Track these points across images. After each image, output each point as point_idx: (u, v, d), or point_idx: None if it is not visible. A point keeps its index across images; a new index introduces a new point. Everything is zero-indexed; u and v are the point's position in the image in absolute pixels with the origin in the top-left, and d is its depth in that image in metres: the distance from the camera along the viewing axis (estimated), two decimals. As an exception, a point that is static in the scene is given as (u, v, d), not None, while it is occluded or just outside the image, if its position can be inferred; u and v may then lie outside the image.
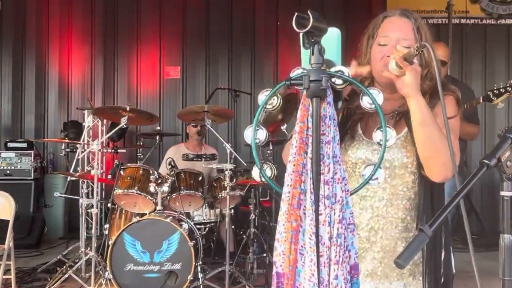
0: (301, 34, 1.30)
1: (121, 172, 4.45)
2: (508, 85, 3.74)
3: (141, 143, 6.46)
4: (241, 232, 5.17)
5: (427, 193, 1.63)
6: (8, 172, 6.28)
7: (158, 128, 6.13)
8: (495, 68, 7.33)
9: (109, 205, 4.69)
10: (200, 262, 4.29)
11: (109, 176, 4.54)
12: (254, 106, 7.34)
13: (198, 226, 4.64)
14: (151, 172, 4.42)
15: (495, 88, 3.85)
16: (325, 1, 7.43)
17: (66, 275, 4.29)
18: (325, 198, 1.18)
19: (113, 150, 6.43)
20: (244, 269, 4.75)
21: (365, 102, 1.22)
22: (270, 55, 7.44)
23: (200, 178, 4.59)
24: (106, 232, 4.60)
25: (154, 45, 7.44)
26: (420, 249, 1.15)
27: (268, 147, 4.77)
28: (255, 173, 1.28)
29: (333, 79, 1.21)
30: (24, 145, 6.46)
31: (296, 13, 1.18)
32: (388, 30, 1.68)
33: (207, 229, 4.84)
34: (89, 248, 4.60)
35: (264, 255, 4.83)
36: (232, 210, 4.40)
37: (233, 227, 4.94)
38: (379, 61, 1.66)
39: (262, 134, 1.28)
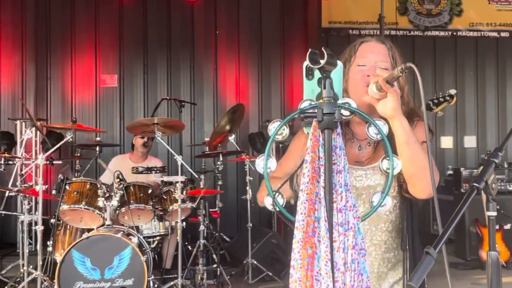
0: (304, 66, 1.35)
1: (67, 187, 4.31)
2: (446, 94, 4.03)
3: (79, 154, 6.25)
4: (186, 243, 5.15)
5: (408, 215, 1.72)
6: None
7: (98, 138, 5.96)
8: (423, 77, 7.74)
9: (52, 220, 4.52)
10: (152, 276, 4.24)
11: (54, 192, 4.37)
12: (197, 115, 7.33)
13: (147, 240, 4.58)
14: (98, 186, 4.31)
15: (434, 97, 4.13)
16: (263, 12, 7.55)
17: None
18: (338, 225, 1.24)
19: (48, 162, 6.17)
20: (194, 280, 4.74)
21: (371, 132, 1.29)
22: (209, 64, 7.45)
23: (149, 191, 4.53)
24: (50, 249, 4.43)
25: (89, 53, 7.23)
26: (428, 270, 1.23)
27: (218, 158, 4.79)
28: (268, 202, 1.32)
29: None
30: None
31: (310, 50, 1.23)
32: (367, 52, 1.74)
33: (155, 242, 4.78)
34: (31, 267, 4.41)
35: (214, 266, 4.84)
36: (184, 222, 4.37)
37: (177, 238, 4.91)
38: (359, 81, 1.71)
39: (273, 163, 1.31)
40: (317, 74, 1.34)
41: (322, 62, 1.22)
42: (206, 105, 7.41)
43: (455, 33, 7.84)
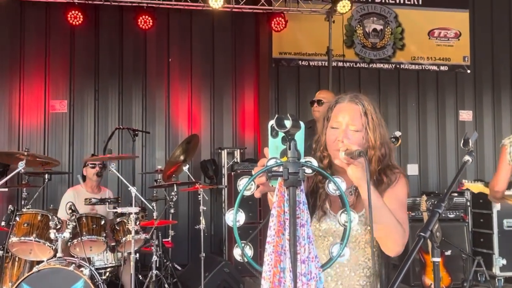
0: (269, 125, 1.47)
1: (17, 218, 4.23)
2: (392, 136, 4.26)
3: (26, 182, 6.11)
4: (139, 274, 5.13)
5: (386, 262, 1.88)
6: None
7: (47, 167, 5.86)
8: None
9: (0, 252, 4.41)
10: (105, 310, 4.20)
11: (3, 223, 4.27)
12: (149, 143, 7.31)
13: (99, 271, 4.53)
14: (50, 217, 4.26)
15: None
16: (215, 42, 7.69)
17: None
18: (302, 275, 1.35)
19: (-7, 190, 6.00)
20: (147, 311, 4.72)
21: (331, 189, 1.42)
22: (161, 92, 7.50)
23: (102, 222, 4.50)
24: (-4, 282, 4.31)
25: (39, 78, 7.13)
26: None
27: (172, 189, 4.83)
28: (236, 252, 1.41)
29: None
30: None
31: (276, 115, 1.35)
32: (339, 115, 1.87)
33: (107, 273, 4.73)
34: (-24, 302, 4.27)
35: (167, 296, 4.84)
36: (138, 254, 4.37)
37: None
38: (332, 143, 1.86)
39: (242, 217, 1.41)
40: (280, 133, 1.46)
41: (288, 126, 1.34)
42: (158, 133, 7.43)
43: (398, 66, 8.25)
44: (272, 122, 1.44)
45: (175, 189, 4.78)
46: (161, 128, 7.45)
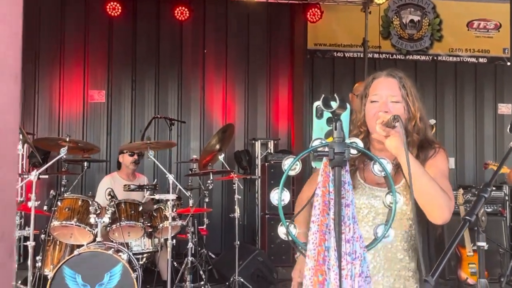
0: (314, 107, 1.48)
1: (59, 203, 4.35)
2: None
3: (66, 169, 6.27)
4: (174, 261, 5.21)
5: (423, 236, 1.87)
6: None
7: (86, 154, 6.00)
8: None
9: (42, 236, 4.55)
10: (142, 293, 4.29)
11: (45, 208, 4.40)
12: (184, 133, 7.41)
13: (136, 256, 4.63)
14: (90, 203, 4.37)
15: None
16: (250, 33, 7.71)
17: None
18: (346, 254, 1.36)
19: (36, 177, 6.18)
20: (182, 297, 4.80)
21: (376, 170, 1.42)
22: (196, 82, 7.57)
23: (140, 209, 4.60)
24: (39, 264, 4.45)
25: (78, 68, 7.30)
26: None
27: (207, 178, 4.89)
28: (281, 231, 1.44)
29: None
30: None
31: (323, 95, 1.36)
32: (378, 89, 1.90)
33: (144, 259, 4.83)
34: (19, 282, 4.42)
35: (202, 283, 4.91)
36: (174, 240, 4.45)
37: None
38: (372, 118, 1.87)
39: (287, 196, 1.43)
40: (326, 114, 1.47)
41: (334, 106, 1.36)
42: (193, 123, 7.51)
43: (435, 58, 8.11)
44: (318, 103, 1.45)
45: (211, 178, 4.83)
46: (196, 118, 7.54)
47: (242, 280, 4.99)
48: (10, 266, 0.68)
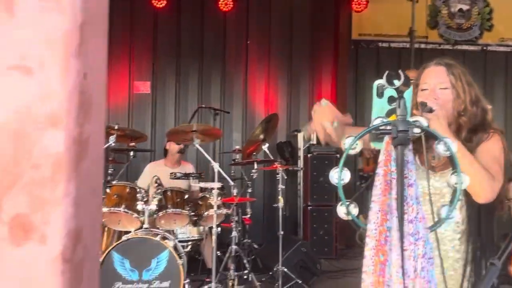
0: (375, 85, 1.45)
1: (107, 189, 4.45)
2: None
3: (112, 158, 6.40)
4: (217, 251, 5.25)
5: (474, 216, 1.88)
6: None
7: (133, 143, 6.11)
8: (452, 91, 7.81)
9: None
10: (188, 280, 4.34)
11: (94, 194, 4.51)
12: (226, 124, 7.45)
13: (181, 244, 4.69)
14: (137, 190, 4.45)
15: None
16: (293, 24, 7.67)
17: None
18: (409, 235, 1.33)
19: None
20: (225, 285, 4.83)
21: (440, 150, 1.38)
22: (239, 74, 7.59)
23: (186, 196, 4.65)
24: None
25: (124, 60, 7.42)
26: (493, 280, 1.32)
27: (249, 167, 4.90)
28: (341, 211, 1.41)
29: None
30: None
31: (387, 71, 1.33)
32: (427, 78, 1.99)
33: (189, 247, 4.89)
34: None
35: (245, 271, 4.93)
36: (219, 228, 4.48)
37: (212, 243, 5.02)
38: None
39: (347, 175, 1.41)
40: (387, 93, 1.44)
41: (398, 83, 1.32)
42: (235, 114, 7.54)
43: (485, 48, 7.86)
44: (379, 82, 1.42)
45: (255, 167, 4.83)
46: (238, 110, 7.56)
47: (285, 270, 4.99)
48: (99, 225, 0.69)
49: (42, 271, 0.62)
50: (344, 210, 1.39)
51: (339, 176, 1.40)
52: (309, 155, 6.89)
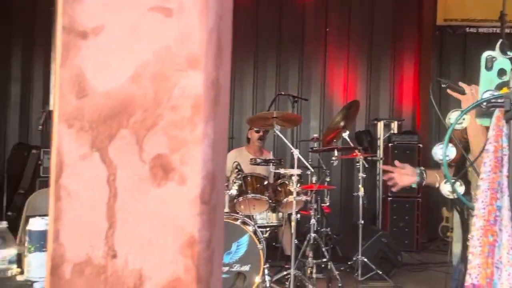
0: (483, 57, 1.36)
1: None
2: None
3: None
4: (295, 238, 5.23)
5: None
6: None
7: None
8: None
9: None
10: (267, 265, 4.35)
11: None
12: (304, 112, 7.40)
13: (260, 230, 4.71)
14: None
15: None
16: (375, 10, 7.46)
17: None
18: (522, 215, 1.24)
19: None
20: (304, 273, 4.81)
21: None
22: (318, 61, 7.49)
23: (265, 182, 4.66)
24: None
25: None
26: None
27: (329, 156, 4.83)
28: (445, 188, 1.34)
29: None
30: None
31: (501, 40, 1.24)
32: None
33: (267, 232, 4.90)
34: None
35: (324, 260, 4.87)
36: (298, 215, 4.46)
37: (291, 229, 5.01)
38: None
39: (453, 152, 1.33)
40: (496, 65, 1.35)
41: (513, 52, 1.23)
42: (313, 101, 7.46)
43: None
44: (488, 53, 1.34)
45: (335, 154, 4.76)
46: (316, 97, 7.48)
47: (365, 260, 4.89)
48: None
49: (182, 211, 0.62)
50: (449, 188, 1.32)
51: (443, 152, 1.33)
52: (389, 144, 6.70)
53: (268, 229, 4.89)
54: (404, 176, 2.10)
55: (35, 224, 1.62)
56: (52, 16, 6.71)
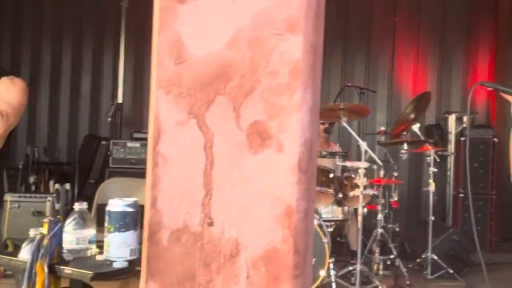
0: None
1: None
2: None
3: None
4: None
5: None
6: (133, 161, 6.58)
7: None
8: None
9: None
10: (332, 259, 4.29)
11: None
12: (370, 104, 7.23)
13: (325, 224, 4.64)
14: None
15: None
16: (447, 3, 7.18)
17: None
18: None
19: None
20: (370, 269, 4.71)
21: None
22: (386, 52, 7.30)
23: (331, 175, 4.59)
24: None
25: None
26: None
27: (397, 149, 4.70)
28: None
29: None
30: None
31: None
32: None
33: (332, 227, 4.83)
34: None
35: (392, 256, 4.75)
36: (366, 209, 4.36)
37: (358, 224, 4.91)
38: None
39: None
40: None
41: None
42: (380, 93, 7.27)
43: None
44: None
45: (405, 147, 4.62)
46: (383, 89, 7.28)
47: (435, 257, 4.73)
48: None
49: (279, 180, 0.60)
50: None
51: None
52: (461, 138, 6.44)
53: (333, 223, 4.83)
54: None
55: (115, 205, 1.67)
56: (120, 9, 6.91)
